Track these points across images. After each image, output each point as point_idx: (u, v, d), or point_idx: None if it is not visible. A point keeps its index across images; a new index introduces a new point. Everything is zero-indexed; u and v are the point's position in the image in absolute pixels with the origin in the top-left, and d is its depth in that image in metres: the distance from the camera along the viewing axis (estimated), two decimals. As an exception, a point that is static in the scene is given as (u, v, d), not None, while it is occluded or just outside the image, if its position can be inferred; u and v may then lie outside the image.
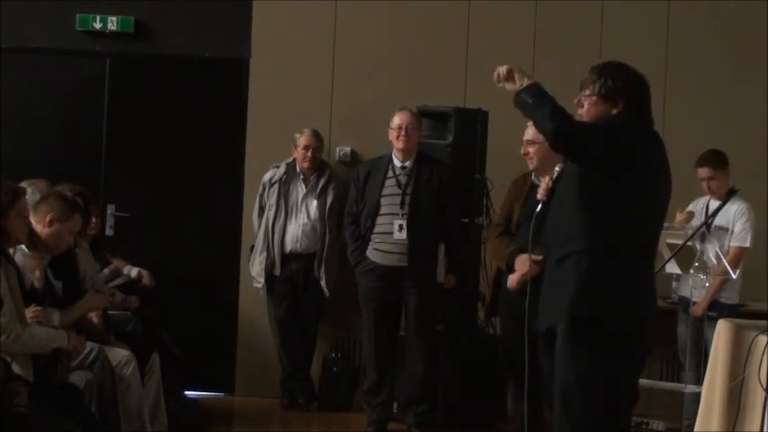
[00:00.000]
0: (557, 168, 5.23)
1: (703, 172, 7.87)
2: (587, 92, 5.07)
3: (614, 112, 5.01)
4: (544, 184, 5.22)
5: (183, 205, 9.19)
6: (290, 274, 8.63)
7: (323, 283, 8.58)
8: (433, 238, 7.97)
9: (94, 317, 6.63)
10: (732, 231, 7.82)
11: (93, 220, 7.73)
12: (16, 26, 9.06)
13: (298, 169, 8.68)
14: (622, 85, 5.04)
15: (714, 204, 7.77)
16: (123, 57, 9.24)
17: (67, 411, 5.54)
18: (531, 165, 6.70)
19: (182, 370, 7.67)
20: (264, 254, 8.61)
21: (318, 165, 8.69)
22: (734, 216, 7.82)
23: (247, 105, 9.11)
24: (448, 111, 8.37)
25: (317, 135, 8.67)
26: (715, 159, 7.87)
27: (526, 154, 6.72)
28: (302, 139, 8.63)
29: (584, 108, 5.07)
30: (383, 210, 7.95)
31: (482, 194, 8.44)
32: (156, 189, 9.22)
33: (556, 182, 5.18)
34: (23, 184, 6.24)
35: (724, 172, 7.87)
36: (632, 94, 5.04)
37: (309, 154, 8.61)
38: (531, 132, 6.45)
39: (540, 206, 5.24)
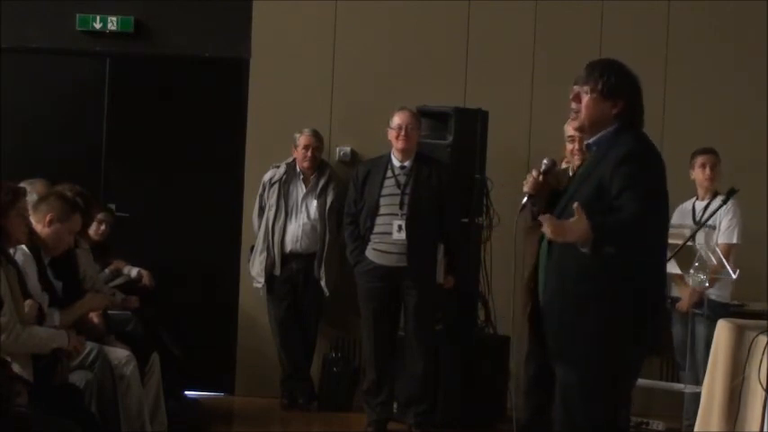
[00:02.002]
0: (545, 161, 5.06)
1: (706, 158, 7.91)
2: (587, 88, 4.99)
3: (614, 111, 4.94)
4: (532, 177, 5.05)
5: (183, 205, 9.19)
6: (290, 273, 8.62)
7: (323, 282, 8.57)
8: (432, 238, 7.96)
9: (95, 317, 6.62)
10: (719, 229, 7.84)
11: (102, 227, 7.81)
12: (16, 26, 9.06)
13: (298, 169, 8.68)
14: (624, 83, 4.98)
15: (699, 205, 7.83)
16: (123, 57, 9.24)
17: (67, 411, 5.54)
18: (579, 160, 6.56)
19: (182, 370, 7.67)
20: (264, 254, 8.61)
21: (319, 165, 8.69)
22: (720, 213, 7.84)
23: (247, 105, 9.10)
24: (448, 111, 8.37)
25: (316, 135, 8.67)
26: (714, 151, 7.95)
27: (572, 150, 6.61)
28: (302, 139, 8.62)
29: (583, 104, 4.97)
30: (382, 210, 7.95)
31: (482, 194, 8.43)
32: (156, 189, 9.22)
33: (545, 174, 5.03)
34: (23, 185, 6.24)
35: (720, 167, 7.91)
36: (632, 93, 4.99)
37: (309, 154, 8.61)
38: (570, 128, 6.39)
39: (526, 199, 5.09)
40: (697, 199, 7.98)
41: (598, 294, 4.76)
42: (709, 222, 7.81)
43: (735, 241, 7.85)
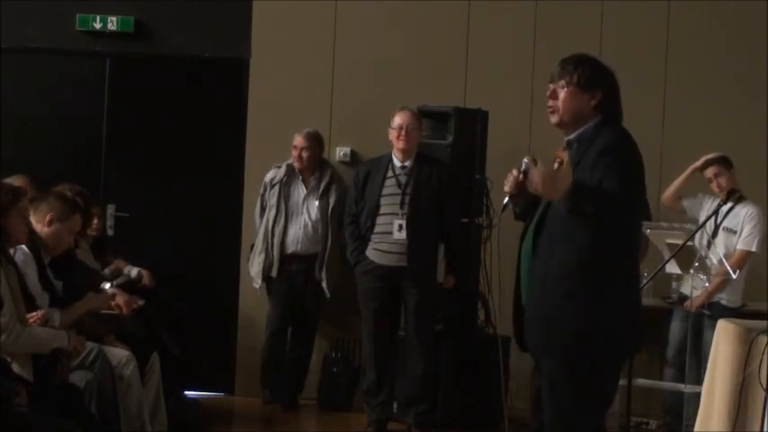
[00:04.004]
0: (525, 161, 4.99)
1: (710, 170, 7.94)
2: (562, 82, 4.95)
3: (593, 103, 4.89)
4: (512, 177, 4.99)
5: (182, 205, 9.19)
6: (290, 274, 8.61)
7: (324, 284, 8.56)
8: (432, 238, 7.97)
9: (124, 307, 6.76)
10: (740, 234, 7.84)
11: (96, 221, 7.76)
12: (16, 26, 9.06)
13: (296, 170, 8.68)
14: (599, 74, 4.94)
15: (723, 208, 7.80)
16: (123, 57, 9.24)
17: (67, 411, 5.54)
18: None
19: (182, 370, 7.66)
20: (263, 255, 8.60)
21: (319, 165, 8.67)
22: (743, 219, 7.85)
23: (247, 105, 9.10)
24: (448, 111, 8.38)
25: (309, 137, 8.59)
26: (718, 159, 7.94)
27: None
28: (294, 140, 8.61)
29: (560, 98, 4.91)
30: (383, 209, 7.95)
31: (482, 194, 8.44)
32: (156, 189, 9.22)
33: (526, 173, 4.97)
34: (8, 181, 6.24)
35: (729, 171, 7.91)
36: (609, 83, 4.96)
37: (297, 154, 8.59)
38: None
39: (507, 199, 5.03)
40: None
41: (579, 292, 4.74)
42: (731, 226, 7.83)
43: (753, 249, 7.86)
